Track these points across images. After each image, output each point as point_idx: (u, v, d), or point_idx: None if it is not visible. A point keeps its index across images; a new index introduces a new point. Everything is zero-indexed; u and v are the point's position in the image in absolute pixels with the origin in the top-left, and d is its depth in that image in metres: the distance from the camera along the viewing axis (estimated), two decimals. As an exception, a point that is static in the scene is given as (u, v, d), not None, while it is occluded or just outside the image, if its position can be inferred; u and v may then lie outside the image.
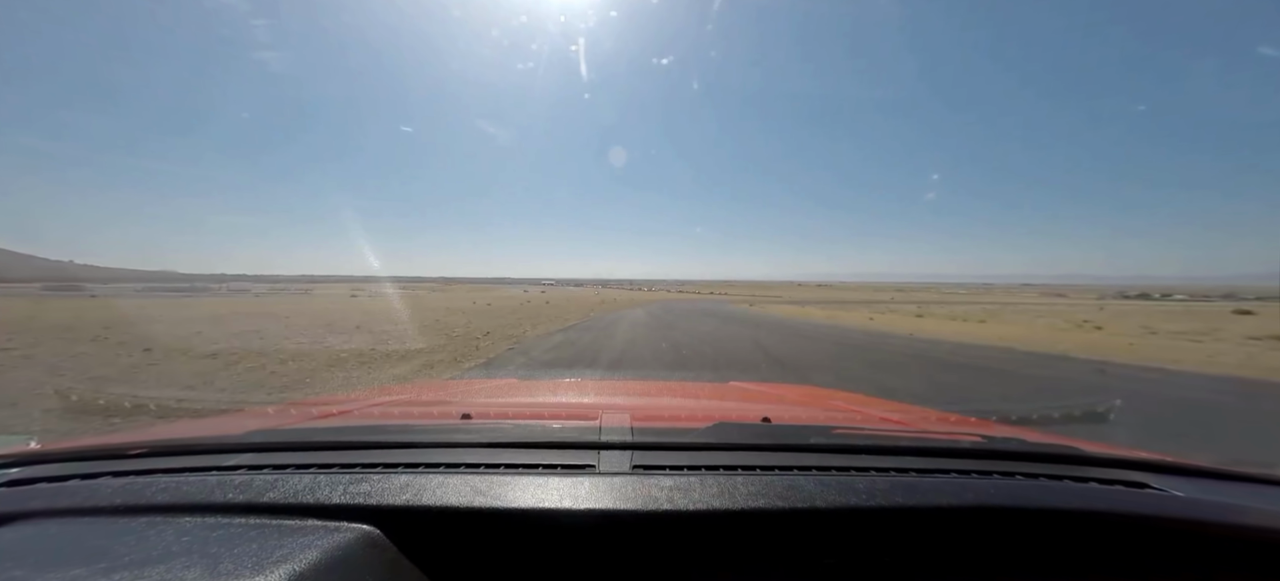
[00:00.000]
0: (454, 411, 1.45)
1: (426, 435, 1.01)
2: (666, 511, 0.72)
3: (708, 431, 0.98)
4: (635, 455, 0.90)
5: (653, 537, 0.72)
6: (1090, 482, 0.91)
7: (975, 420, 1.59)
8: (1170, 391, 7.19)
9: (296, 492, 0.76)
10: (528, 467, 0.85)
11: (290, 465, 0.88)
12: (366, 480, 0.79)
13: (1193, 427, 5.36)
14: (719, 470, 0.86)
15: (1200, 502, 0.84)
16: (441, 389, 2.08)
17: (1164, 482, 0.93)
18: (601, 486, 0.77)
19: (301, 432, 1.02)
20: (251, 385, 6.67)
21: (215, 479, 0.82)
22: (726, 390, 2.44)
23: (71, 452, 0.94)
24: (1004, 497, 0.80)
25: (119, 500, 0.75)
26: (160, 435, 1.07)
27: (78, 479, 0.84)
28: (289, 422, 1.24)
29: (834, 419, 1.54)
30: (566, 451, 0.92)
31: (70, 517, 0.72)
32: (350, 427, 1.08)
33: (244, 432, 0.98)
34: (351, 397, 1.73)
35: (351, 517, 0.71)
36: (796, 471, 0.87)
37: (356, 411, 1.49)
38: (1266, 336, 14.45)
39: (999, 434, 1.12)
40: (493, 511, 0.72)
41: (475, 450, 0.93)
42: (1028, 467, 0.96)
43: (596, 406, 1.65)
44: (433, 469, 0.84)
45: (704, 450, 0.94)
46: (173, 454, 0.96)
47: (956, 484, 0.85)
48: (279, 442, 0.97)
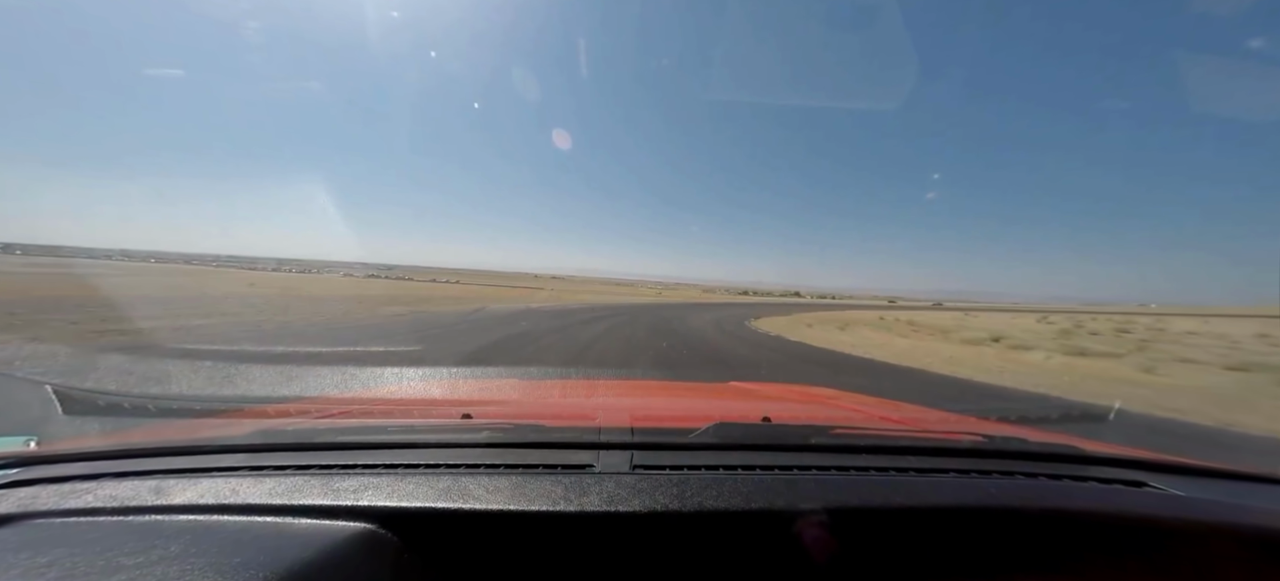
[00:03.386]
0: (454, 411, 1.45)
1: (427, 435, 1.01)
2: (666, 511, 0.72)
3: (707, 431, 0.98)
4: (635, 455, 0.90)
5: (653, 538, 0.73)
6: (1090, 481, 0.91)
7: (975, 419, 1.59)
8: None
9: (297, 493, 0.76)
10: (528, 467, 0.85)
11: (291, 465, 0.88)
12: (367, 480, 0.79)
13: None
14: (719, 470, 0.86)
15: (1200, 502, 0.84)
16: (442, 389, 2.08)
17: (1163, 481, 0.93)
18: (601, 486, 0.77)
19: (302, 433, 1.02)
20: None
21: (216, 479, 0.82)
22: (726, 390, 2.44)
23: (72, 453, 0.94)
24: (1004, 497, 0.80)
25: (120, 500, 0.75)
26: (161, 435, 1.07)
27: (78, 479, 0.84)
28: (290, 423, 1.24)
29: (834, 419, 1.54)
30: (566, 451, 0.92)
31: (71, 518, 0.72)
32: (351, 427, 1.08)
33: (245, 433, 0.98)
34: (352, 397, 1.74)
35: (352, 517, 0.71)
36: (796, 471, 0.87)
37: (357, 411, 1.50)
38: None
39: (998, 433, 1.12)
40: (493, 511, 0.72)
41: (476, 450, 0.93)
42: (1027, 467, 0.96)
43: (596, 406, 1.65)
44: (433, 469, 0.84)
45: (704, 450, 0.94)
46: (174, 454, 0.96)
47: (956, 483, 0.85)
48: (280, 443, 0.98)
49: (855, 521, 0.75)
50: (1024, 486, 0.87)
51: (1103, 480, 0.92)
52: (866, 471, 0.89)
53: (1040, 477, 0.92)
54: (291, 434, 1.02)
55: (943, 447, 1.03)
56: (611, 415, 1.42)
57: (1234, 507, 0.83)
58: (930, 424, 1.66)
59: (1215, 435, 5.56)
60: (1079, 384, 9.04)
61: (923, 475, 0.89)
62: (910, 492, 0.79)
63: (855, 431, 1.10)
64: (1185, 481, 0.94)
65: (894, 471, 0.90)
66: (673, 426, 1.06)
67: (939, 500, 0.78)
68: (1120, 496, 0.85)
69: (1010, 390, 8.26)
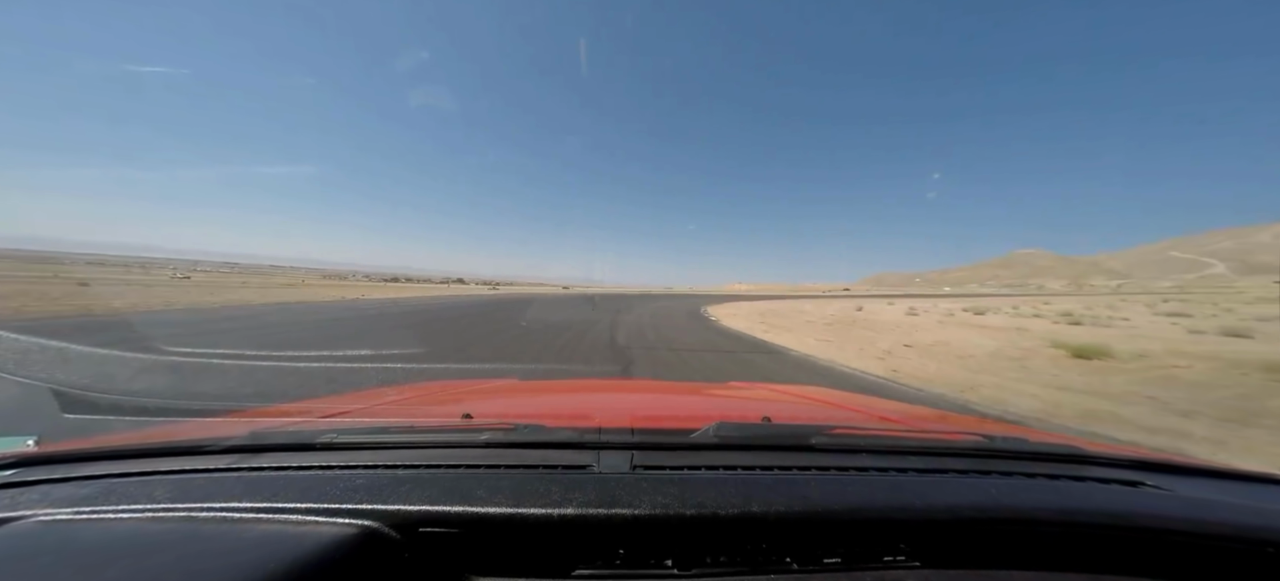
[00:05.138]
0: (455, 411, 1.45)
1: (427, 435, 1.01)
2: (667, 512, 0.72)
3: (707, 431, 0.98)
4: (635, 455, 0.90)
5: (652, 538, 0.73)
6: (1088, 481, 0.91)
7: (975, 419, 1.59)
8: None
9: (297, 493, 0.76)
10: (528, 468, 0.85)
11: (291, 466, 0.88)
12: (367, 480, 0.79)
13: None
14: (719, 470, 0.86)
15: (1199, 502, 0.84)
16: (442, 389, 2.08)
17: (1163, 481, 0.93)
18: (602, 486, 0.77)
19: (302, 433, 1.02)
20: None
21: (216, 480, 0.83)
22: (726, 390, 2.44)
23: (72, 453, 0.94)
24: (1003, 497, 0.81)
25: (120, 501, 0.75)
26: (161, 436, 1.07)
27: (78, 480, 0.84)
28: (289, 423, 1.24)
29: (834, 419, 1.54)
30: (567, 451, 0.92)
31: (71, 518, 0.72)
32: (351, 428, 1.08)
33: (245, 434, 0.98)
34: (352, 397, 1.74)
35: (352, 518, 0.71)
36: (797, 471, 0.87)
37: (357, 411, 1.49)
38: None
39: (998, 433, 1.13)
40: (493, 512, 0.72)
41: (476, 450, 0.93)
42: (1027, 467, 0.96)
43: (597, 406, 1.65)
44: (433, 469, 0.84)
45: (704, 450, 0.94)
46: (174, 455, 0.96)
47: (956, 483, 0.85)
48: (279, 443, 0.98)
49: (856, 521, 0.75)
50: (1023, 486, 0.87)
51: (1101, 480, 0.92)
52: (867, 471, 0.89)
53: (1039, 477, 0.92)
54: (291, 434, 1.02)
55: (942, 448, 1.03)
56: (611, 415, 1.42)
57: (1233, 507, 0.83)
58: (930, 424, 1.66)
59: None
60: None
61: (923, 475, 0.89)
62: (910, 492, 0.79)
63: (855, 431, 1.10)
64: (1184, 481, 0.94)
65: (894, 471, 0.90)
66: (673, 427, 1.06)
67: (939, 500, 0.78)
68: (1119, 496, 0.86)
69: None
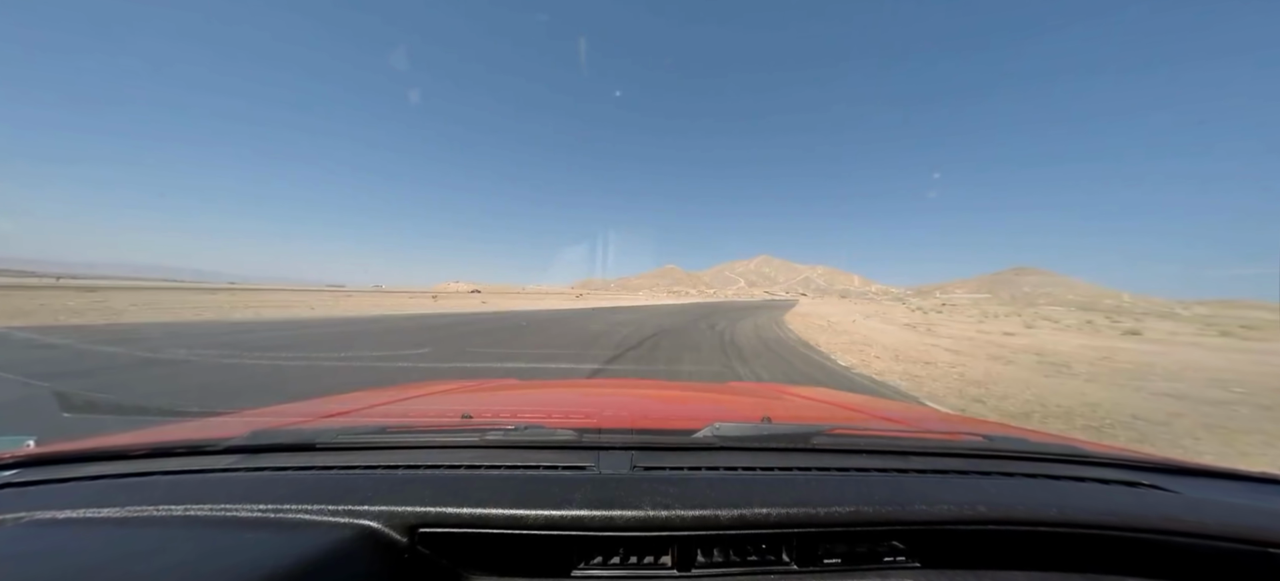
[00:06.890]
0: (454, 411, 1.45)
1: (427, 436, 1.01)
2: (666, 512, 0.72)
3: (707, 432, 0.98)
4: (635, 455, 0.90)
5: (652, 538, 0.73)
6: (1089, 482, 0.91)
7: (975, 420, 1.59)
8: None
9: (297, 493, 0.76)
10: (528, 468, 0.85)
11: (291, 466, 0.88)
12: (368, 481, 0.79)
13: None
14: (719, 470, 0.86)
15: (1200, 502, 0.84)
16: (441, 389, 2.08)
17: (1164, 482, 0.93)
18: (601, 486, 0.77)
19: (301, 433, 1.02)
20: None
21: (216, 480, 0.83)
22: (726, 390, 2.44)
23: (72, 454, 0.94)
24: (1004, 497, 0.80)
25: (120, 501, 0.75)
26: (161, 436, 1.06)
27: (78, 480, 0.84)
28: (289, 423, 1.24)
29: (834, 419, 1.54)
30: (567, 452, 0.92)
31: (71, 519, 0.72)
32: (350, 428, 1.08)
33: (245, 433, 0.98)
34: (351, 398, 1.73)
35: (352, 518, 0.71)
36: (796, 471, 0.87)
37: (357, 411, 1.49)
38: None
39: (998, 433, 1.12)
40: (493, 513, 0.72)
41: (476, 451, 0.93)
42: (1028, 467, 0.96)
43: (597, 407, 1.65)
44: (434, 469, 0.84)
45: (704, 451, 0.94)
46: (174, 455, 0.96)
47: (956, 484, 0.85)
48: (280, 444, 0.98)
49: (856, 522, 0.75)
50: (1024, 487, 0.87)
51: (1102, 481, 0.92)
52: (867, 472, 0.89)
53: (1039, 478, 0.92)
54: (291, 434, 1.02)
55: (942, 448, 1.03)
56: (611, 416, 1.42)
57: (1233, 508, 0.83)
58: (930, 424, 1.66)
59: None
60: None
61: (923, 475, 0.89)
62: (911, 493, 0.79)
63: (856, 432, 1.10)
64: (1186, 482, 0.94)
65: (894, 472, 0.90)
66: (673, 427, 1.06)
67: (939, 500, 0.78)
68: (1119, 497, 0.85)
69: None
